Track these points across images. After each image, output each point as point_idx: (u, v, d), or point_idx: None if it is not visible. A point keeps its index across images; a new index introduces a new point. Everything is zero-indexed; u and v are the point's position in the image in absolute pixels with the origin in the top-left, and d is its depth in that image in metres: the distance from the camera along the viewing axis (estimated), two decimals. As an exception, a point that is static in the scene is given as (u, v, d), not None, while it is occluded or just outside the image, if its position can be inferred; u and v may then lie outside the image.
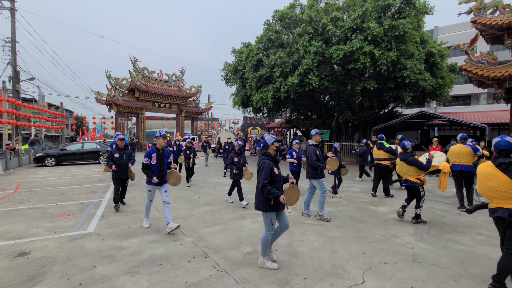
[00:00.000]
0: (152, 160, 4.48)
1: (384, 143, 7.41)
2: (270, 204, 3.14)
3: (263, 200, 3.16)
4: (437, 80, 14.71)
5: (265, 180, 3.12)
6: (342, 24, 12.79)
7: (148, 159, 4.48)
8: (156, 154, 4.53)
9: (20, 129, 16.76)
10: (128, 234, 4.42)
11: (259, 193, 3.21)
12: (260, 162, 3.26)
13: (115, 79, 25.43)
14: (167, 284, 2.90)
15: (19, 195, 7.33)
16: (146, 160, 4.48)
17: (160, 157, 4.56)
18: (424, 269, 3.28)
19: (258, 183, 3.18)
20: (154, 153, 4.54)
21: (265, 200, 3.15)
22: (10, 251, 3.73)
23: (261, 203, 3.19)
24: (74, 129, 34.27)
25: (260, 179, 3.15)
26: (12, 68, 15.86)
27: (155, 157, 4.51)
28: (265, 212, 3.18)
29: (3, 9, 15.71)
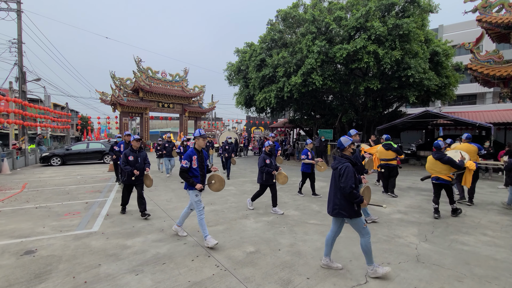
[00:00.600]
0: (193, 163, 3.99)
1: (392, 144, 7.47)
2: (355, 210, 3.02)
3: (349, 206, 3.02)
4: (442, 79, 14.55)
5: (353, 184, 2.96)
6: (346, 24, 12.73)
7: (188, 162, 3.95)
8: (196, 157, 4.04)
9: (26, 129, 16.99)
10: (133, 233, 4.46)
11: (342, 199, 3.04)
12: (341, 166, 3.07)
13: (119, 80, 25.63)
14: (171, 283, 2.93)
15: (25, 194, 7.44)
16: (186, 163, 3.94)
17: (201, 160, 4.10)
18: (427, 269, 3.26)
19: (344, 188, 2.96)
20: (195, 155, 4.03)
21: (351, 206, 3.02)
22: (17, 249, 3.79)
23: (347, 210, 3.03)
24: (79, 129, 34.60)
25: (346, 183, 2.95)
26: (19, 69, 16.08)
27: (196, 159, 4.01)
28: (351, 218, 3.06)
29: (9, 10, 15.93)
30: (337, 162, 3.17)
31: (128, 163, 5.25)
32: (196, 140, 4.10)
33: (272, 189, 5.66)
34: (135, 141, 5.34)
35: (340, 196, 3.07)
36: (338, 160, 3.18)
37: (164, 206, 6.16)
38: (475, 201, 6.63)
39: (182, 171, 3.95)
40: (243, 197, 7.16)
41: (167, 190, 7.94)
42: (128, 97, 25.64)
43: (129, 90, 26.02)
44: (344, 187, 2.98)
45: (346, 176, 2.97)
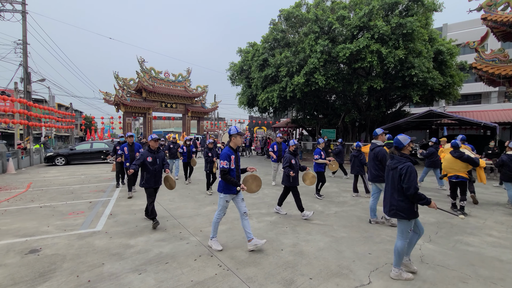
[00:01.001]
0: (231, 164, 3.71)
1: None
2: (414, 211, 2.94)
3: (408, 208, 2.93)
4: (446, 79, 14.43)
5: (417, 185, 2.89)
6: (349, 23, 12.67)
7: (228, 162, 3.65)
8: (234, 156, 3.79)
9: (31, 129, 17.15)
10: (136, 232, 4.48)
11: (401, 199, 2.96)
12: (401, 165, 2.98)
13: (123, 80, 25.78)
14: (174, 282, 2.94)
15: (30, 194, 7.51)
16: (226, 164, 3.64)
17: (236, 160, 3.85)
18: (432, 270, 3.23)
19: (408, 188, 2.86)
20: (233, 154, 3.76)
21: (410, 207, 2.93)
22: (22, 248, 3.83)
23: (405, 211, 2.93)
24: (83, 129, 34.87)
25: (410, 184, 2.85)
26: (24, 69, 16.24)
27: (234, 160, 3.76)
28: (409, 220, 2.96)
29: (14, 12, 16.10)
30: (396, 161, 3.07)
31: (145, 165, 4.77)
32: (233, 138, 3.79)
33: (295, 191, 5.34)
34: (153, 141, 4.89)
35: (398, 197, 2.99)
36: (397, 160, 3.07)
37: (166, 206, 6.18)
38: (480, 202, 6.57)
39: (224, 173, 3.61)
40: (246, 196, 7.15)
41: (170, 190, 7.96)
42: (131, 97, 25.78)
43: (132, 90, 26.16)
44: (408, 187, 2.88)
45: (409, 177, 2.88)
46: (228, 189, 3.71)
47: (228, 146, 3.81)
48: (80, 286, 2.86)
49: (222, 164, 3.65)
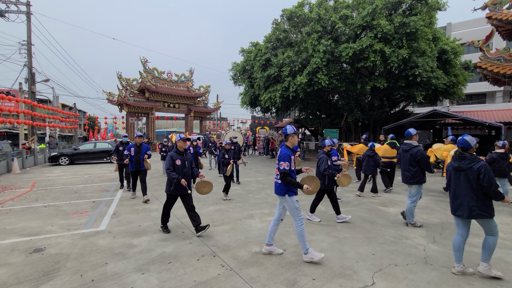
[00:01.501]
0: (291, 165, 3.48)
1: (396, 143, 7.84)
2: (493, 207, 3.03)
3: (489, 206, 3.00)
4: (450, 78, 14.32)
5: (497, 183, 2.97)
6: (352, 22, 12.62)
7: (289, 164, 3.41)
8: (293, 157, 3.58)
9: (35, 129, 17.30)
10: (139, 232, 4.49)
11: (480, 199, 2.99)
12: (478, 165, 3.00)
13: (126, 80, 25.91)
14: (177, 282, 2.94)
15: (34, 193, 7.58)
16: (287, 166, 3.40)
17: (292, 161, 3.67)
18: (436, 271, 3.20)
19: (489, 187, 2.91)
20: (292, 155, 3.54)
21: (491, 205, 3.00)
22: (26, 247, 3.86)
23: (488, 210, 2.99)
24: (87, 129, 35.11)
25: (491, 182, 2.91)
26: (28, 70, 16.39)
27: (293, 160, 3.56)
28: (491, 218, 3.02)
29: (19, 13, 16.25)
30: (469, 161, 3.08)
31: (174, 169, 4.26)
32: (290, 138, 3.58)
33: (332, 194, 5.17)
34: (182, 141, 4.39)
35: (477, 197, 2.99)
36: (470, 159, 3.08)
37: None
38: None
39: (285, 175, 3.37)
40: (248, 196, 7.15)
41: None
42: (134, 97, 25.91)
43: (135, 91, 26.30)
44: (489, 186, 2.90)
45: (489, 175, 2.92)
46: (291, 190, 3.46)
47: (285, 146, 3.57)
48: (83, 285, 2.87)
49: (283, 165, 3.42)
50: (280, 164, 3.44)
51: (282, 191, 3.45)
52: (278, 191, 3.50)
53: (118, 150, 7.83)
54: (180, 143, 4.41)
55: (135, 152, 6.66)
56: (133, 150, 6.66)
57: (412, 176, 4.69)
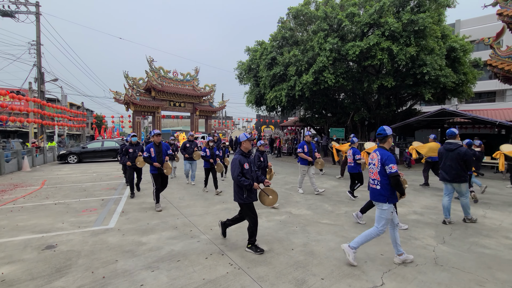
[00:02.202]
0: None
1: None
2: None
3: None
4: (459, 76, 14.07)
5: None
6: (359, 20, 12.49)
7: (396, 166, 3.21)
8: None
9: (44, 128, 17.59)
10: (147, 230, 4.55)
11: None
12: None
13: (132, 79, 26.16)
14: (186, 280, 2.97)
15: (45, 191, 7.72)
16: (395, 168, 3.18)
17: None
18: (446, 272, 3.17)
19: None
20: None
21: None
22: (39, 244, 3.94)
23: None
24: (94, 128, 35.57)
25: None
26: (37, 69, 16.66)
27: None
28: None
29: (28, 13, 16.50)
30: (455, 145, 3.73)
31: (243, 174, 3.72)
32: (390, 139, 3.39)
33: None
34: (248, 142, 3.87)
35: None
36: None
37: (177, 204, 6.24)
38: (495, 203, 6.43)
39: (398, 178, 3.15)
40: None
41: (179, 188, 8.05)
42: (140, 96, 26.14)
43: (141, 90, 26.53)
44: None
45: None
46: (394, 198, 3.23)
47: (383, 148, 3.37)
48: (95, 282, 2.92)
49: (394, 168, 3.17)
50: (390, 167, 3.16)
51: (383, 198, 3.22)
52: (378, 198, 3.29)
53: (128, 152, 7.09)
54: (246, 143, 3.83)
55: (155, 153, 5.78)
56: (153, 151, 5.77)
57: (460, 175, 4.73)
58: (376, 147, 3.53)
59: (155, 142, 5.94)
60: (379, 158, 3.30)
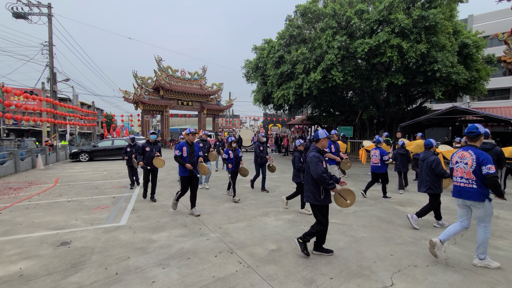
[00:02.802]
0: None
1: (390, 140, 8.93)
2: None
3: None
4: (471, 73, 13.73)
5: None
6: (368, 17, 12.31)
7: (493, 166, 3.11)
8: None
9: (57, 127, 18.03)
10: (158, 227, 4.63)
11: None
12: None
13: (141, 79, 26.49)
14: (196, 278, 3.02)
15: (58, 189, 7.93)
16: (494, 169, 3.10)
17: None
18: (458, 274, 3.13)
19: None
20: None
21: None
22: (54, 240, 4.07)
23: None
24: (105, 127, 36.24)
25: None
26: (50, 70, 17.05)
27: None
28: None
29: (41, 15, 16.89)
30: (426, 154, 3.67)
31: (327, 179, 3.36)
32: (481, 138, 3.34)
33: None
34: (325, 140, 3.59)
35: None
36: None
37: (186, 202, 6.31)
38: (508, 203, 6.28)
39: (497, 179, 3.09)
40: (263, 194, 7.19)
41: (188, 187, 8.14)
42: (149, 95, 26.46)
43: (150, 89, 26.84)
44: None
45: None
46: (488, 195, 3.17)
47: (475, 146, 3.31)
48: (108, 278, 3.01)
49: (492, 169, 3.08)
50: (488, 168, 3.07)
51: (482, 197, 3.16)
52: (475, 197, 3.19)
53: (144, 151, 6.42)
54: (325, 142, 3.59)
55: (188, 153, 5.26)
56: (185, 150, 5.24)
57: None
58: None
59: (189, 141, 5.35)
60: (474, 158, 3.20)
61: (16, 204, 6.19)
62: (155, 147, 6.56)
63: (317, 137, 3.59)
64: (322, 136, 3.55)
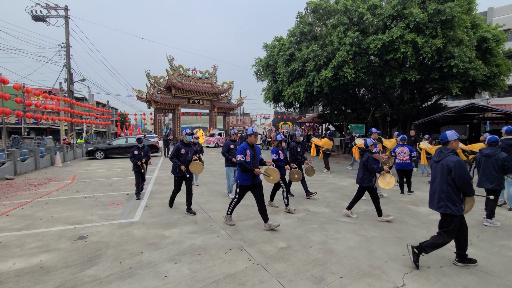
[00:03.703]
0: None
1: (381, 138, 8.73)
2: None
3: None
4: (491, 69, 13.17)
5: None
6: (381, 12, 12.03)
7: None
8: None
9: (74, 125, 18.65)
10: (170, 224, 4.74)
11: None
12: None
13: (153, 78, 26.96)
14: (207, 273, 3.08)
15: (75, 185, 8.23)
16: None
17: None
18: (473, 276, 3.05)
19: None
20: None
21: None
22: (72, 235, 4.24)
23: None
24: (119, 125, 37.13)
25: None
26: (67, 70, 17.64)
27: None
28: None
29: (58, 17, 17.47)
30: None
31: None
32: None
33: None
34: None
35: None
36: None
37: (197, 200, 6.42)
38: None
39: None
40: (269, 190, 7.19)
41: (200, 184, 8.26)
42: (161, 94, 26.91)
43: (162, 88, 27.28)
44: None
45: None
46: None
47: None
48: (123, 272, 3.11)
49: None
50: None
51: None
52: None
53: (179, 153, 5.41)
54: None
55: (251, 157, 4.43)
56: (249, 154, 4.40)
57: None
58: None
59: (250, 142, 4.56)
60: None
61: (37, 199, 6.48)
62: (190, 150, 5.59)
63: None
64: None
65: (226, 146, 6.62)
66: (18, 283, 2.88)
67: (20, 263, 3.34)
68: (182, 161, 5.36)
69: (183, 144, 5.52)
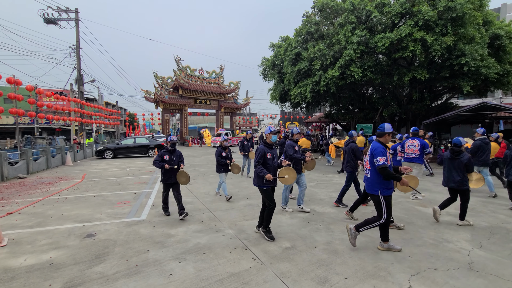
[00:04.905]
0: None
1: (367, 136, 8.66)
2: None
3: None
4: (504, 66, 12.80)
5: None
6: (389, 10, 11.85)
7: None
8: None
9: (84, 126, 19.04)
10: (175, 223, 4.79)
11: None
12: None
13: (161, 78, 27.28)
14: (211, 272, 3.11)
15: (85, 184, 8.41)
16: None
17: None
18: (482, 279, 2.97)
19: None
20: None
21: None
22: (80, 233, 4.33)
23: None
24: (127, 125, 37.70)
25: None
26: (77, 72, 18.02)
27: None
28: None
29: (69, 20, 17.86)
30: None
31: None
32: None
33: None
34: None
35: None
36: None
37: (203, 199, 6.47)
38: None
39: None
40: (279, 192, 7.18)
41: (205, 184, 8.32)
42: (169, 94, 27.20)
43: (169, 88, 27.59)
44: None
45: None
46: None
47: None
48: (129, 269, 3.17)
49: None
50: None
51: None
52: None
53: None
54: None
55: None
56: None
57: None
58: None
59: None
60: None
61: (48, 198, 6.64)
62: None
63: None
64: None
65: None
66: (29, 279, 2.97)
67: (31, 259, 3.43)
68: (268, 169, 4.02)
69: (267, 146, 4.11)
